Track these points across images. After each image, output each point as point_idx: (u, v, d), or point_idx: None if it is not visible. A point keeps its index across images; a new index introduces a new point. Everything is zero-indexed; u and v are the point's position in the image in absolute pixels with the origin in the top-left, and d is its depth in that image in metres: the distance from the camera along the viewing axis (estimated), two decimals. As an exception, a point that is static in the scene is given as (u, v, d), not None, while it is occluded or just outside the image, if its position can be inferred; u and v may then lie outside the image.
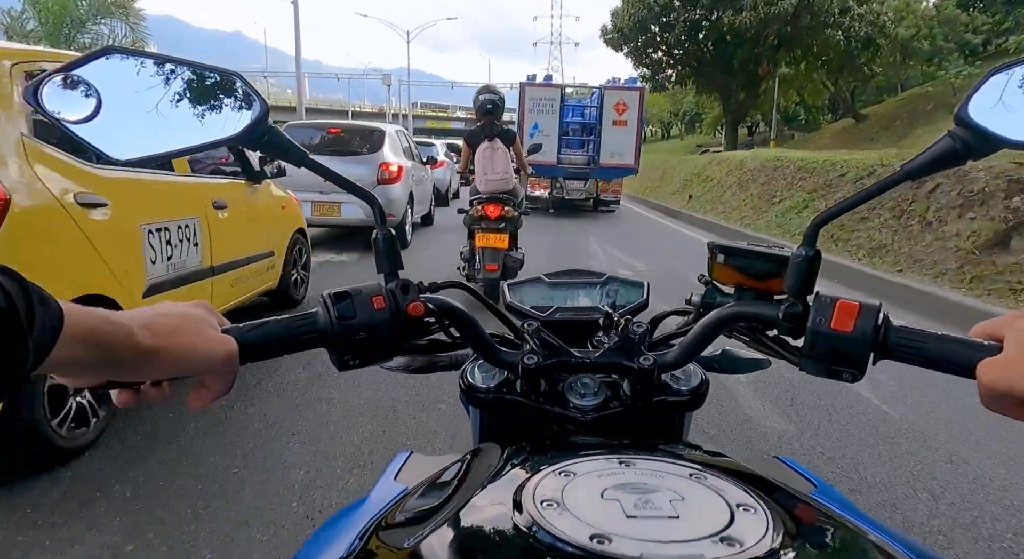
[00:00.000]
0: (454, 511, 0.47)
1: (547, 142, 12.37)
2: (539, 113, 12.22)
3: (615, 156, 12.43)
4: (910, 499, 2.14)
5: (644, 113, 12.45)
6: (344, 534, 0.55)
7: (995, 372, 0.46)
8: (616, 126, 12.31)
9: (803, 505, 0.50)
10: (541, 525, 0.41)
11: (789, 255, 0.58)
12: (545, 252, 7.59)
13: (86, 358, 0.41)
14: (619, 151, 12.40)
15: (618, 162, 12.44)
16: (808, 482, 0.64)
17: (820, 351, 0.54)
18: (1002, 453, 2.49)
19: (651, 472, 0.48)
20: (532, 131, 12.27)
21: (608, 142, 12.36)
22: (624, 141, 12.35)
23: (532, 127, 12.26)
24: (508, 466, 0.54)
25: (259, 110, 0.54)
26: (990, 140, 0.50)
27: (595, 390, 0.66)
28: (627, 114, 12.27)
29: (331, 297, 0.57)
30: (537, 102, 12.19)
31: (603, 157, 12.42)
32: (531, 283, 0.88)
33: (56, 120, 0.49)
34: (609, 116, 12.27)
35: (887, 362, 0.54)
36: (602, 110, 12.29)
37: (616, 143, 12.36)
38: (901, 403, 2.99)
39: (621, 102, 12.25)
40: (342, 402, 2.81)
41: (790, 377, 3.19)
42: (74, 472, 2.14)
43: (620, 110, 12.26)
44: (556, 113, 12.25)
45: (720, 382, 1.12)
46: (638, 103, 12.29)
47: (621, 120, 12.30)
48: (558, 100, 12.25)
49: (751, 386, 3.11)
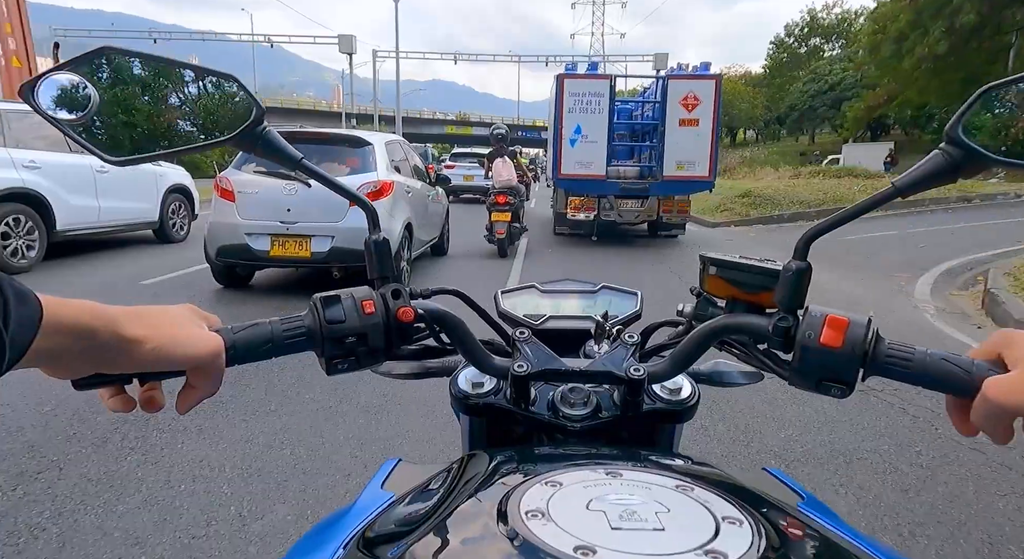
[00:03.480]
0: (439, 520, 0.47)
1: (592, 150, 9.51)
2: (581, 112, 9.37)
3: (683, 166, 9.44)
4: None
5: (721, 109, 9.44)
6: (329, 542, 0.55)
7: (1005, 390, 0.47)
8: (684, 126, 9.33)
9: (789, 518, 0.49)
10: (525, 536, 0.41)
11: (780, 268, 0.58)
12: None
13: (70, 349, 0.42)
14: (688, 159, 9.41)
15: (687, 174, 9.45)
16: (795, 494, 0.64)
17: (809, 366, 0.54)
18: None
19: (637, 483, 0.48)
20: (573, 137, 9.42)
21: (674, 148, 9.39)
22: (695, 146, 9.36)
23: (573, 131, 9.42)
24: (495, 475, 0.53)
25: (255, 113, 0.55)
26: (979, 158, 0.50)
27: (585, 400, 0.66)
28: (698, 110, 9.29)
29: (321, 301, 0.57)
30: (579, 98, 9.33)
31: (667, 168, 9.46)
32: (524, 291, 0.88)
33: (51, 119, 0.50)
34: (675, 114, 9.32)
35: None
36: (665, 106, 9.34)
37: (684, 149, 9.38)
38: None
39: (691, 95, 9.27)
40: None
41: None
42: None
43: (689, 105, 9.29)
44: (604, 112, 9.36)
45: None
46: (713, 96, 9.29)
47: (690, 119, 9.32)
48: (607, 95, 9.36)
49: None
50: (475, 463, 0.58)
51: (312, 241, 5.37)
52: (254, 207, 5.43)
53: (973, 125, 0.51)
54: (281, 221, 5.36)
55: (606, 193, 9.73)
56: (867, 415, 3.13)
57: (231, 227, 5.41)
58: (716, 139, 9.44)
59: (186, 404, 0.51)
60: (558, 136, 9.46)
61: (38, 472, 2.41)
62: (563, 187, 9.92)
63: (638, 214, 10.00)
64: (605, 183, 9.57)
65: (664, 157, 9.44)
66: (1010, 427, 0.48)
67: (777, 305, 0.57)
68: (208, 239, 5.59)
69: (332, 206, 5.26)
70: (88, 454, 2.56)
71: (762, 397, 3.26)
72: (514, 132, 57.19)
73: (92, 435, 2.72)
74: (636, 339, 0.70)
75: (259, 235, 5.38)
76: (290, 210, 5.36)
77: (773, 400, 3.25)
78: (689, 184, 9.58)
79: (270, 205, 5.39)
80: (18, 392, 3.10)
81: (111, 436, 2.72)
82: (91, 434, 2.73)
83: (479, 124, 58.30)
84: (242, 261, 5.51)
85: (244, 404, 3.13)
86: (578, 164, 9.49)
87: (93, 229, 7.49)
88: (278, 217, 5.36)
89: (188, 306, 0.52)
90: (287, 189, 5.39)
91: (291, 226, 5.36)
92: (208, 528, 2.07)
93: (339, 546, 0.53)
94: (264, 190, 5.45)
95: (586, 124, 9.41)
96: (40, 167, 6.59)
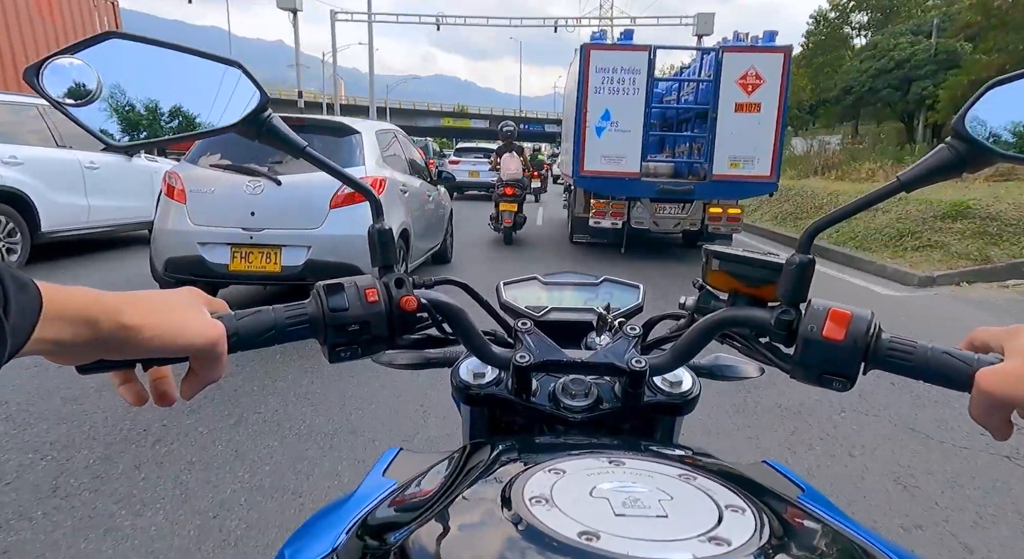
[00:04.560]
0: (442, 507, 0.47)
1: (624, 141, 7.55)
2: (611, 93, 7.40)
3: (738, 163, 7.46)
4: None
5: (789, 90, 7.41)
6: (331, 528, 0.55)
7: (996, 380, 0.47)
8: (742, 112, 7.33)
9: (791, 508, 0.50)
10: (529, 521, 0.40)
11: (783, 262, 0.58)
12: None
13: (72, 338, 0.42)
14: (745, 154, 7.43)
15: (743, 173, 7.47)
16: (795, 486, 0.64)
17: (811, 359, 0.55)
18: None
19: (640, 472, 0.48)
20: (599, 124, 7.48)
21: (727, 139, 7.40)
22: (754, 138, 7.37)
23: (600, 117, 7.47)
24: (497, 463, 0.53)
25: (259, 100, 0.55)
26: (985, 153, 0.50)
27: (586, 391, 0.66)
28: (761, 92, 7.28)
29: (324, 288, 0.57)
30: (609, 75, 7.37)
31: (717, 165, 7.49)
32: (526, 283, 0.88)
33: (56, 103, 0.50)
34: (730, 96, 7.32)
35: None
36: (718, 86, 7.35)
37: (740, 141, 7.40)
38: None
39: (752, 73, 7.26)
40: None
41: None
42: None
43: (749, 86, 7.28)
44: (640, 93, 7.39)
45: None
46: (781, 74, 7.26)
47: (750, 103, 7.32)
48: (644, 72, 7.37)
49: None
50: (477, 451, 0.59)
51: (283, 252, 4.30)
52: (210, 210, 4.38)
53: (980, 120, 0.51)
54: (244, 228, 4.29)
55: (640, 195, 7.79)
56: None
57: (181, 235, 4.38)
58: (782, 130, 7.43)
59: (190, 389, 0.52)
60: (580, 123, 7.51)
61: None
62: (584, 186, 7.99)
63: (678, 222, 8.06)
64: (639, 183, 7.63)
65: (715, 151, 7.46)
66: (1008, 421, 0.48)
67: (779, 298, 0.57)
68: (153, 250, 4.60)
69: (308, 208, 4.32)
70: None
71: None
72: (518, 124, 54.64)
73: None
74: (638, 331, 0.70)
75: (216, 245, 4.33)
76: (255, 214, 4.31)
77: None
78: (745, 186, 7.59)
79: (230, 207, 4.36)
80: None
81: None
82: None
83: (478, 116, 55.63)
84: (195, 277, 4.32)
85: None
86: (605, 159, 7.55)
87: (82, 230, 6.81)
88: (240, 222, 4.30)
89: (192, 290, 0.53)
90: (251, 187, 4.34)
91: (256, 234, 4.29)
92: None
93: (340, 532, 0.54)
94: (223, 189, 4.41)
95: (617, 108, 7.44)
96: (23, 163, 6.01)
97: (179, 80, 0.54)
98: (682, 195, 7.72)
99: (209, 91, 0.54)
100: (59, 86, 0.49)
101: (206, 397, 3.01)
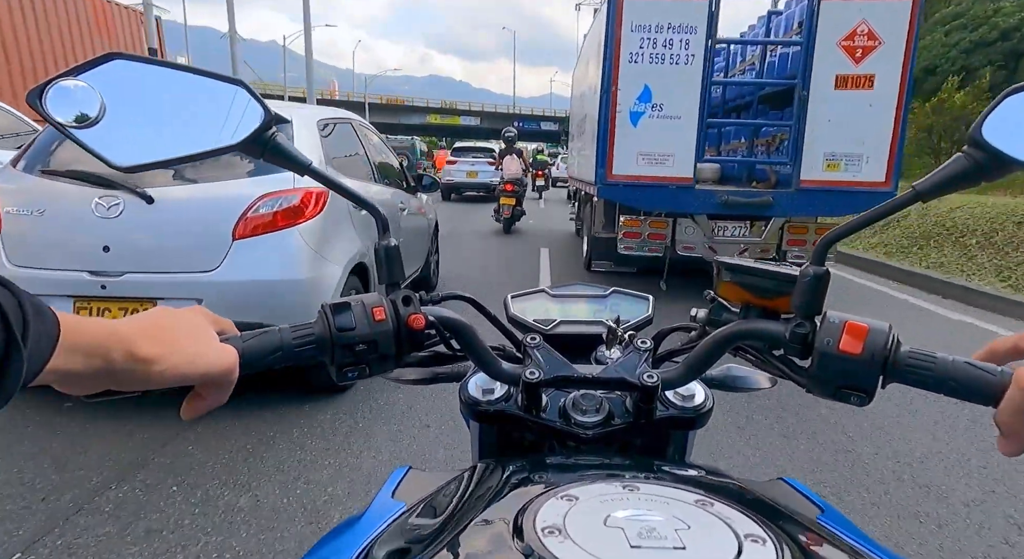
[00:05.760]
0: (453, 534, 0.46)
1: (671, 132, 5.14)
2: (654, 62, 5.04)
3: (838, 164, 5.11)
4: None
5: (916, 56, 5.03)
6: (340, 553, 0.54)
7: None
8: (847, 89, 4.98)
9: (811, 533, 0.49)
10: (541, 554, 0.39)
11: (797, 273, 0.57)
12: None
13: (84, 369, 0.41)
14: (850, 151, 5.08)
15: (847, 178, 5.12)
16: (814, 506, 0.62)
17: (827, 373, 0.54)
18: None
19: (656, 498, 0.47)
20: (636, 107, 5.12)
21: (824, 129, 5.05)
22: (865, 125, 5.02)
23: (637, 96, 5.11)
24: (508, 487, 0.52)
25: (263, 118, 0.55)
26: (1004, 161, 0.49)
27: (597, 406, 0.65)
28: (875, 60, 4.92)
29: (331, 308, 0.57)
30: (651, 36, 5.00)
31: (807, 166, 5.14)
32: (534, 296, 0.87)
33: (59, 125, 0.50)
34: (830, 65, 4.96)
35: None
36: (811, 51, 4.98)
37: (844, 131, 5.05)
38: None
39: (863, 31, 4.90)
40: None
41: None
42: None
43: (858, 51, 4.93)
44: (697, 61, 5.02)
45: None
46: (907, 31, 4.90)
47: (859, 76, 4.96)
48: (702, 30, 4.99)
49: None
50: (487, 473, 0.58)
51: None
52: (38, 242, 2.88)
53: (998, 128, 0.49)
54: (93, 271, 2.79)
55: (694, 211, 5.44)
56: None
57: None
58: (904, 115, 5.07)
59: (193, 412, 0.51)
60: (607, 108, 5.16)
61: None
62: (612, 198, 5.63)
63: (744, 248, 5.68)
64: (692, 193, 5.27)
65: (804, 147, 5.11)
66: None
67: (793, 311, 0.57)
68: None
69: (198, 239, 2.79)
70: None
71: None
72: (509, 122, 52.84)
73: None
74: (649, 345, 0.68)
75: (49, 299, 2.49)
76: (110, 249, 2.78)
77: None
78: (848, 197, 5.21)
79: (71, 238, 2.84)
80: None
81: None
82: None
83: (468, 113, 52.63)
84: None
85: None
86: (644, 158, 5.20)
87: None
88: (87, 262, 2.79)
89: (200, 310, 0.52)
90: (105, 207, 2.78)
91: (113, 281, 2.78)
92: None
93: (352, 558, 0.52)
94: (59, 208, 2.88)
95: (662, 85, 5.08)
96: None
97: (183, 100, 0.54)
98: (757, 209, 5.36)
99: (213, 110, 0.54)
100: (62, 108, 0.49)
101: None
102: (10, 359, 0.34)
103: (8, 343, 0.34)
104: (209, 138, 0.54)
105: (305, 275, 2.87)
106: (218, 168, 2.91)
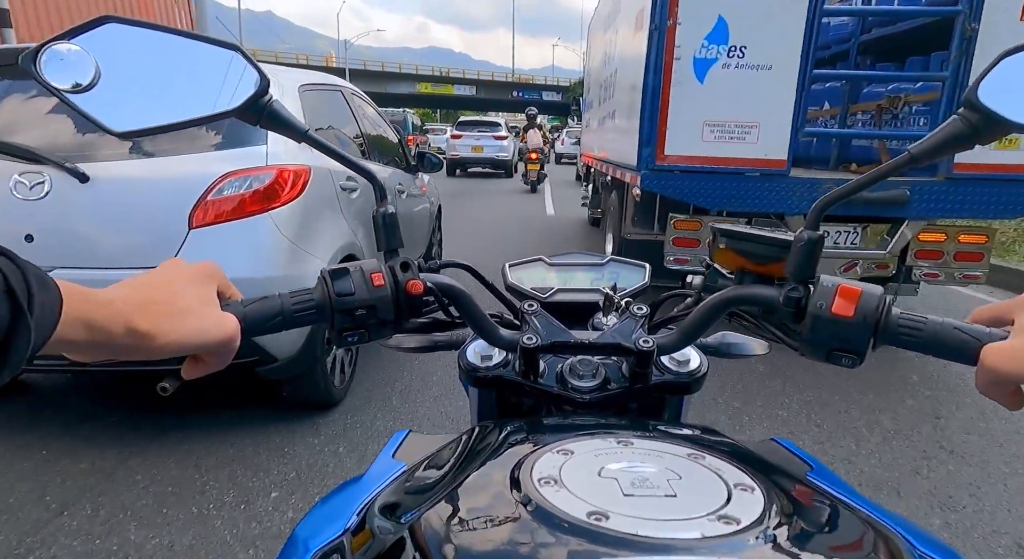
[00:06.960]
0: (452, 488, 0.47)
1: (758, 89, 3.24)
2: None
3: (1018, 138, 3.32)
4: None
5: None
6: (342, 510, 0.56)
7: (1001, 357, 0.47)
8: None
9: (800, 485, 0.50)
10: (538, 502, 0.41)
11: (791, 239, 0.57)
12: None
13: (86, 339, 0.41)
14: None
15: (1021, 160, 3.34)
16: (804, 463, 0.65)
17: (820, 336, 0.55)
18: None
19: (649, 452, 0.49)
20: (703, 54, 3.30)
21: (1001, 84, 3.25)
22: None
23: (707, 36, 3.28)
24: (506, 444, 0.54)
25: (259, 84, 0.55)
26: (998, 123, 0.49)
27: (594, 372, 0.67)
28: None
29: (330, 273, 0.57)
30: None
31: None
32: (532, 264, 0.88)
33: (53, 89, 0.49)
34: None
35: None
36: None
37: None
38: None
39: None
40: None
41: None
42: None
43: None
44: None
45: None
46: None
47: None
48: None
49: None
50: (486, 433, 0.59)
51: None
52: None
53: (994, 90, 0.48)
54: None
55: (789, 211, 3.65)
56: None
57: None
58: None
59: (193, 373, 0.52)
60: (659, 54, 3.35)
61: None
62: (662, 192, 3.81)
63: (854, 263, 3.89)
64: (787, 182, 3.50)
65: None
66: (1016, 392, 0.49)
67: (787, 275, 0.57)
68: None
69: (145, 227, 2.42)
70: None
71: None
72: (508, 92, 50.15)
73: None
74: (645, 311, 0.69)
75: None
76: (34, 239, 2.34)
77: None
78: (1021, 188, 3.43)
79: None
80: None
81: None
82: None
83: (463, 81, 49.29)
84: None
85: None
86: (716, 131, 3.42)
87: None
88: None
89: (209, 270, 0.52)
90: (26, 186, 2.34)
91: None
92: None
93: (351, 514, 0.54)
94: None
95: (745, 15, 3.27)
96: None
97: (178, 65, 0.53)
98: (883, 209, 3.56)
99: (208, 76, 0.54)
100: (57, 72, 0.48)
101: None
102: (17, 328, 0.34)
103: (15, 312, 0.34)
104: (205, 104, 0.53)
105: (280, 272, 2.42)
106: (175, 139, 2.45)
